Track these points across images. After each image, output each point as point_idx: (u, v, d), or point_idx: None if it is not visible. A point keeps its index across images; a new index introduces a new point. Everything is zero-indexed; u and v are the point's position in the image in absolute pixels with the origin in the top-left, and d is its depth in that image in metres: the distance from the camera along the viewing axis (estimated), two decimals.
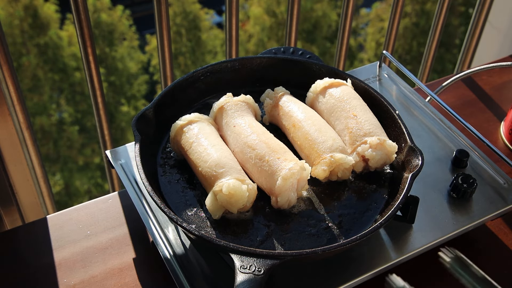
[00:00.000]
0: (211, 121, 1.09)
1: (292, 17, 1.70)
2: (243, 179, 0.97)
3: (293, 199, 0.99)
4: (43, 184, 1.63)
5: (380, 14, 8.92)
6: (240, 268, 0.84)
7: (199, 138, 1.03)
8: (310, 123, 1.08)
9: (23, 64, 7.35)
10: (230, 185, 0.93)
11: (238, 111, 1.09)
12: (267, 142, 1.02)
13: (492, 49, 2.39)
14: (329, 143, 1.04)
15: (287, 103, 1.13)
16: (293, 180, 0.97)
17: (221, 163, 0.98)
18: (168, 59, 1.62)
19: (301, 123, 1.08)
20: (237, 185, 0.94)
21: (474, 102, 1.54)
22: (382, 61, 1.37)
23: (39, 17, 7.51)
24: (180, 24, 8.43)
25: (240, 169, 1.00)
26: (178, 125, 1.06)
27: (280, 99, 1.15)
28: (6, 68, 1.34)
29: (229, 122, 1.07)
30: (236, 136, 1.05)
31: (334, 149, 1.03)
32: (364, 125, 1.07)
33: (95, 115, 1.63)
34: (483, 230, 1.18)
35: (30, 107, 7.26)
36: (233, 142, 1.05)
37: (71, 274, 1.07)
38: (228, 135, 1.07)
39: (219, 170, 0.97)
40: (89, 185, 7.68)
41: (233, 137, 1.05)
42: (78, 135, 7.69)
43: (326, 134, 1.06)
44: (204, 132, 1.04)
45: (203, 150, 1.01)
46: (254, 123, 1.07)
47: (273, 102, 1.15)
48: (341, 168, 1.03)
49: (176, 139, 1.06)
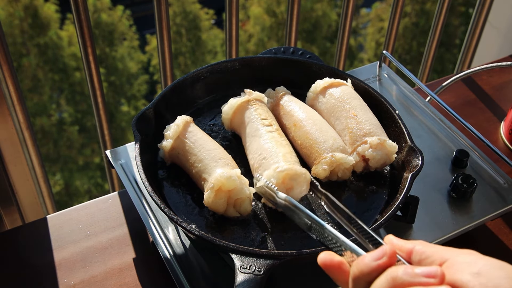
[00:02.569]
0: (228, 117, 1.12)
1: (292, 17, 1.70)
2: (232, 167, 0.98)
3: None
4: (43, 184, 1.63)
5: (380, 14, 8.92)
6: (240, 268, 0.84)
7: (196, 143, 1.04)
8: (311, 123, 1.08)
9: (23, 64, 7.35)
10: (217, 176, 0.94)
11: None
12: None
13: (492, 49, 2.39)
14: (330, 143, 1.04)
15: (288, 102, 1.13)
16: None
17: (213, 158, 1.00)
18: (168, 59, 1.62)
19: (302, 122, 1.08)
20: (226, 173, 0.95)
21: (474, 102, 1.54)
22: (382, 61, 1.37)
23: (39, 17, 7.51)
24: (180, 24, 8.43)
25: (229, 163, 1.00)
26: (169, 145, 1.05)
27: (281, 98, 1.15)
28: (6, 68, 1.34)
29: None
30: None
31: (334, 148, 1.03)
32: (364, 125, 1.07)
33: (95, 115, 1.63)
34: (483, 230, 1.18)
35: (30, 107, 7.26)
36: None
37: (71, 274, 1.07)
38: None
39: (210, 166, 0.99)
40: (89, 185, 7.68)
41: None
42: (78, 135, 7.69)
43: (326, 134, 1.06)
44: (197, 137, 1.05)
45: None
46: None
47: (274, 101, 1.15)
48: (342, 168, 1.03)
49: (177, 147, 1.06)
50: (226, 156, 1.02)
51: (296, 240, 0.96)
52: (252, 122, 1.07)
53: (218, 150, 1.02)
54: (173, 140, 1.03)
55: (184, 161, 1.03)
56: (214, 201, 0.95)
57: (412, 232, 1.03)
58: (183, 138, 1.03)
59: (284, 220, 0.99)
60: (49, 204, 1.69)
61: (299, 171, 0.96)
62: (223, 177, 0.94)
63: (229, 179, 0.94)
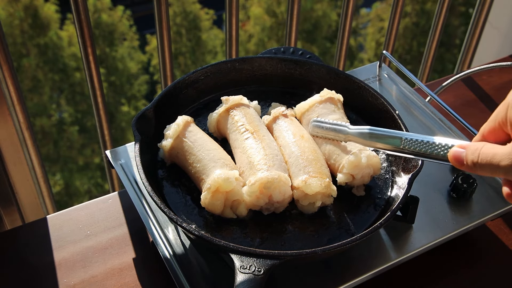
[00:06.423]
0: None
1: (292, 17, 1.70)
2: (231, 168, 0.98)
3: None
4: (43, 184, 1.63)
5: (380, 14, 8.92)
6: (240, 268, 0.84)
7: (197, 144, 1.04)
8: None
9: (23, 65, 7.35)
10: (215, 177, 0.94)
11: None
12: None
13: (492, 49, 2.39)
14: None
15: (276, 131, 1.10)
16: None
17: (212, 159, 1.00)
18: (168, 59, 1.62)
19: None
20: (223, 175, 0.95)
21: (474, 102, 1.54)
22: (382, 61, 1.37)
23: (39, 17, 7.51)
24: (180, 24, 8.43)
25: (228, 163, 1.00)
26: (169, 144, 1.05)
27: (271, 125, 1.11)
28: (6, 68, 1.34)
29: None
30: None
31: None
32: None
33: (95, 115, 1.63)
34: (483, 230, 1.18)
35: (30, 108, 7.26)
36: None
37: (71, 274, 1.07)
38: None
39: (208, 167, 0.99)
40: (89, 185, 7.68)
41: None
42: (78, 135, 7.69)
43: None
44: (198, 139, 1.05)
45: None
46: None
47: (268, 121, 1.12)
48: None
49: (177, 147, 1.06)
50: (226, 157, 1.02)
51: (296, 240, 0.96)
52: (232, 133, 1.06)
53: (217, 150, 1.02)
54: (173, 139, 1.03)
55: (183, 160, 1.03)
56: (211, 202, 0.95)
57: (412, 232, 1.03)
58: (183, 138, 1.03)
59: (284, 221, 0.99)
60: (49, 204, 1.69)
61: (271, 177, 0.94)
62: (220, 179, 0.94)
63: (227, 181, 0.94)
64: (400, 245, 1.01)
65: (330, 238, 0.96)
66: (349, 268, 0.98)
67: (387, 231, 1.03)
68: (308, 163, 0.99)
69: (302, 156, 1.01)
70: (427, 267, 1.10)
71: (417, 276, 1.09)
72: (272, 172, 0.95)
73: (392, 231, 1.03)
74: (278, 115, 1.10)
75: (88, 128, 7.75)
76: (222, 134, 1.11)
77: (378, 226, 0.91)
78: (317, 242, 0.95)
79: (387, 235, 1.03)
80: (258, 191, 0.94)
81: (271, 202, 0.97)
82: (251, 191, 0.95)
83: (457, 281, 1.10)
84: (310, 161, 1.00)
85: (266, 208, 0.98)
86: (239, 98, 1.10)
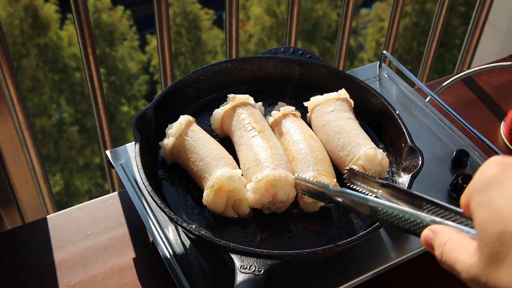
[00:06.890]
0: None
1: (292, 17, 1.70)
2: (233, 167, 0.98)
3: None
4: (43, 184, 1.64)
5: (380, 14, 8.92)
6: (240, 268, 0.84)
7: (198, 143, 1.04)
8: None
9: (23, 65, 7.35)
10: (218, 175, 0.94)
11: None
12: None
13: (492, 49, 2.39)
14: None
15: (284, 127, 1.10)
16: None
17: (215, 158, 1.00)
18: (168, 59, 1.62)
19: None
20: (226, 173, 0.95)
21: (474, 102, 1.54)
22: (382, 61, 1.37)
23: (39, 17, 7.51)
24: (180, 24, 8.43)
25: (230, 163, 1.00)
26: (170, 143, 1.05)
27: (280, 121, 1.11)
28: (6, 68, 1.34)
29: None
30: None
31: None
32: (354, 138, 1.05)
33: (95, 115, 1.63)
34: None
35: (30, 108, 7.26)
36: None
37: (71, 274, 1.07)
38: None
39: (211, 166, 0.99)
40: (89, 185, 7.68)
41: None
42: (78, 135, 7.69)
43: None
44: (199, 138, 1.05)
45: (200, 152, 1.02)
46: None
47: (272, 121, 1.12)
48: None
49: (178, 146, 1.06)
50: (228, 157, 1.02)
51: (296, 240, 0.96)
52: (237, 130, 1.06)
53: (219, 149, 1.02)
54: (175, 138, 1.03)
55: (185, 159, 1.03)
56: (213, 200, 0.95)
57: None
58: (185, 137, 1.03)
59: (284, 221, 0.99)
60: (49, 204, 1.69)
61: (278, 176, 0.94)
62: (224, 177, 0.94)
63: (230, 179, 0.94)
64: (400, 245, 1.01)
65: (330, 238, 0.96)
66: (349, 268, 0.98)
67: (387, 231, 1.03)
68: (317, 161, 1.00)
69: (312, 154, 1.01)
70: (427, 267, 1.10)
71: (417, 276, 1.09)
72: (279, 171, 0.96)
73: (392, 231, 1.03)
74: (288, 113, 1.11)
75: (88, 128, 7.75)
76: (225, 131, 1.11)
77: (378, 226, 0.91)
78: (317, 242, 0.95)
79: (387, 235, 1.03)
80: (263, 188, 0.94)
81: (274, 201, 0.97)
82: (256, 187, 0.95)
83: (457, 281, 1.10)
84: (319, 159, 1.01)
85: (268, 207, 0.98)
86: (245, 97, 1.10)
